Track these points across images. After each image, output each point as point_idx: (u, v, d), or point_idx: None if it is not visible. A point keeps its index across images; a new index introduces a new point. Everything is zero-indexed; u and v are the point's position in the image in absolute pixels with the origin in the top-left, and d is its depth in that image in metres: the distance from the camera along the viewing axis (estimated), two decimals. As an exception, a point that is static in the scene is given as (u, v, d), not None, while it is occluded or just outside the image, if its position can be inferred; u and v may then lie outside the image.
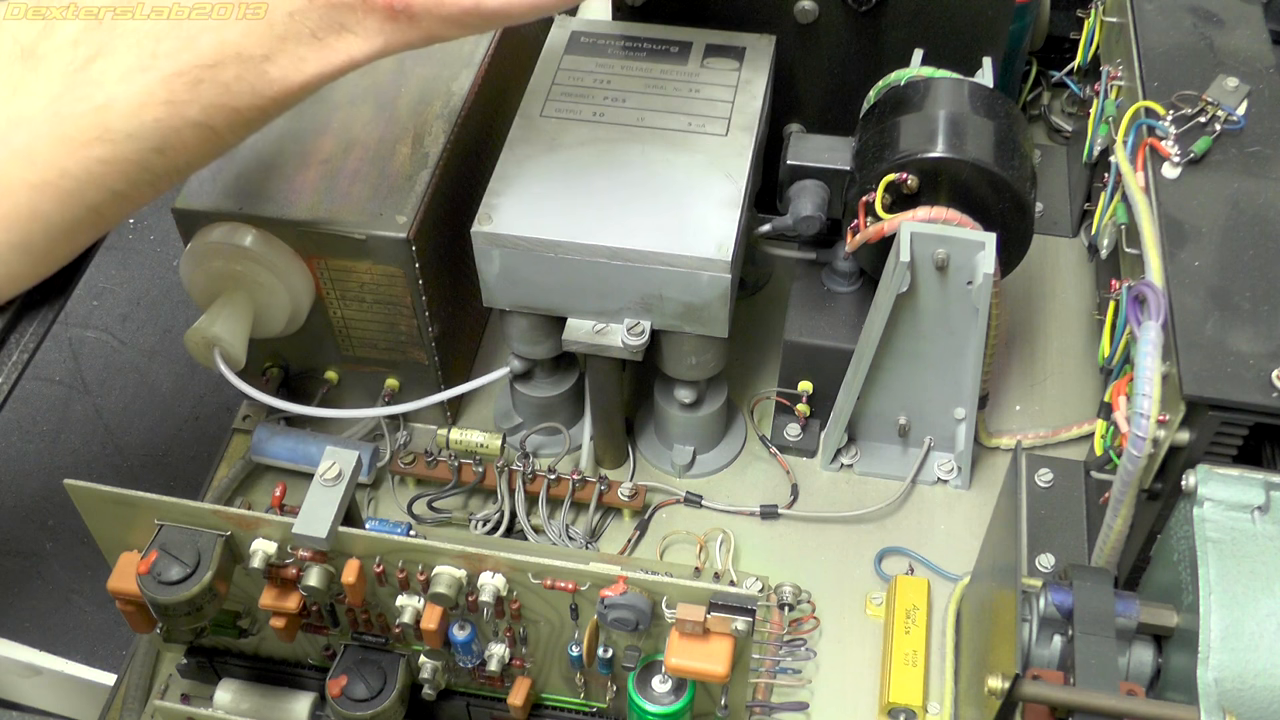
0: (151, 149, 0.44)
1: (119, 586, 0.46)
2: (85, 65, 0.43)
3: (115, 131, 0.43)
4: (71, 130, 0.43)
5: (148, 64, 0.43)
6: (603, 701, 0.52)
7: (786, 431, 0.64)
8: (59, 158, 0.43)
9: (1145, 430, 0.46)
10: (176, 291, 1.27)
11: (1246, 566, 0.43)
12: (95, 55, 0.43)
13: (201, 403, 1.20)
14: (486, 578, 0.45)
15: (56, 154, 0.43)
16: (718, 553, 0.60)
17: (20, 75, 0.43)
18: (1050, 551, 0.58)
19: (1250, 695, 0.41)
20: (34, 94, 0.43)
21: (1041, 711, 0.43)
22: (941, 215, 0.54)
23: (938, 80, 0.57)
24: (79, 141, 0.43)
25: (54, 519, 1.16)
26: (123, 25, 0.43)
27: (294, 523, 0.44)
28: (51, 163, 0.43)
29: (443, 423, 0.65)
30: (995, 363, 0.65)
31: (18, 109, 0.43)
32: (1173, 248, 0.50)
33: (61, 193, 0.44)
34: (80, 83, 0.43)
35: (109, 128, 0.43)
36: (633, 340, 0.55)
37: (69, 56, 0.43)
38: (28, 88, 0.43)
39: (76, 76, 0.43)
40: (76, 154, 0.43)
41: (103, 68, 0.43)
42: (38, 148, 0.43)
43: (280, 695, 0.53)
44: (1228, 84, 0.56)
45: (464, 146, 0.61)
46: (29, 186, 0.43)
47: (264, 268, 0.56)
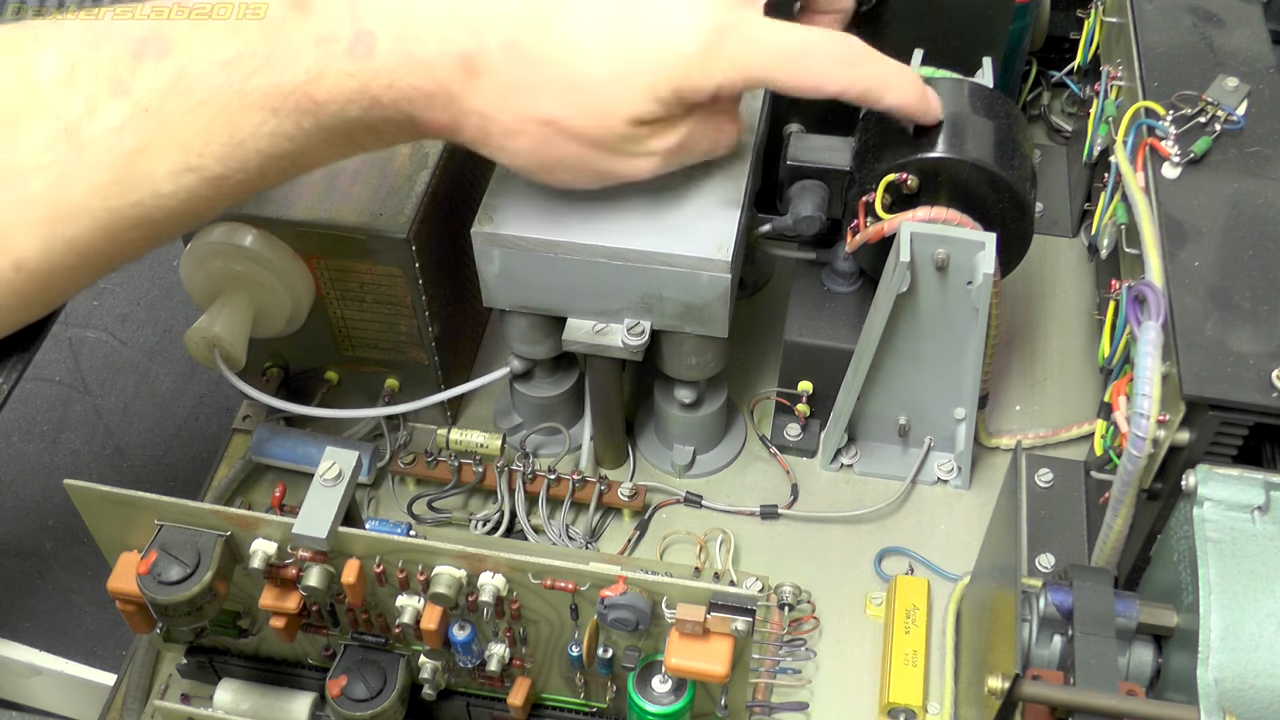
0: (183, 226, 0.46)
1: (119, 586, 0.46)
2: (132, 159, 0.43)
3: (158, 224, 0.44)
4: (117, 224, 0.44)
5: (194, 164, 0.43)
6: (603, 701, 0.52)
7: (786, 431, 0.64)
8: (100, 243, 0.44)
9: (1145, 430, 0.46)
10: (176, 291, 1.27)
11: (1246, 566, 0.43)
12: (144, 149, 0.43)
13: (201, 403, 1.20)
14: (486, 578, 0.45)
15: (98, 240, 0.44)
16: (718, 553, 0.60)
17: (66, 160, 0.42)
18: (1050, 551, 0.58)
19: (1250, 695, 0.41)
20: (81, 184, 0.43)
21: (1041, 711, 0.43)
22: (941, 215, 0.54)
23: (938, 80, 0.57)
24: (121, 229, 0.44)
25: (54, 519, 1.16)
26: (168, 116, 0.43)
27: (294, 523, 0.44)
28: (92, 247, 0.44)
29: (443, 423, 0.65)
30: (995, 363, 0.65)
31: (67, 199, 0.43)
32: (1173, 248, 0.50)
33: (91, 267, 0.45)
34: (128, 176, 0.43)
35: (149, 220, 0.44)
36: (633, 340, 0.55)
37: (115, 146, 0.43)
38: (74, 178, 0.43)
39: (124, 170, 0.43)
40: (114, 238, 0.44)
41: (150, 164, 0.43)
42: (82, 236, 0.43)
43: (280, 695, 0.53)
44: (1228, 84, 0.56)
45: (464, 147, 0.61)
46: (66, 270, 0.44)
47: (264, 268, 0.56)
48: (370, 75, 0.44)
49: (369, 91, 0.44)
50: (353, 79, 0.44)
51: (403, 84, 0.44)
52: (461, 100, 0.45)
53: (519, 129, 0.46)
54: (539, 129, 0.46)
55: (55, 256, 0.43)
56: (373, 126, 0.46)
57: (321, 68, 0.43)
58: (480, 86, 0.45)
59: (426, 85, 0.44)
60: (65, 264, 0.44)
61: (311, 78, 0.43)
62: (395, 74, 0.44)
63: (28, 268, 0.43)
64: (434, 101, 0.45)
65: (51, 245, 0.43)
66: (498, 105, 0.46)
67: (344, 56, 0.43)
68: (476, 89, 0.45)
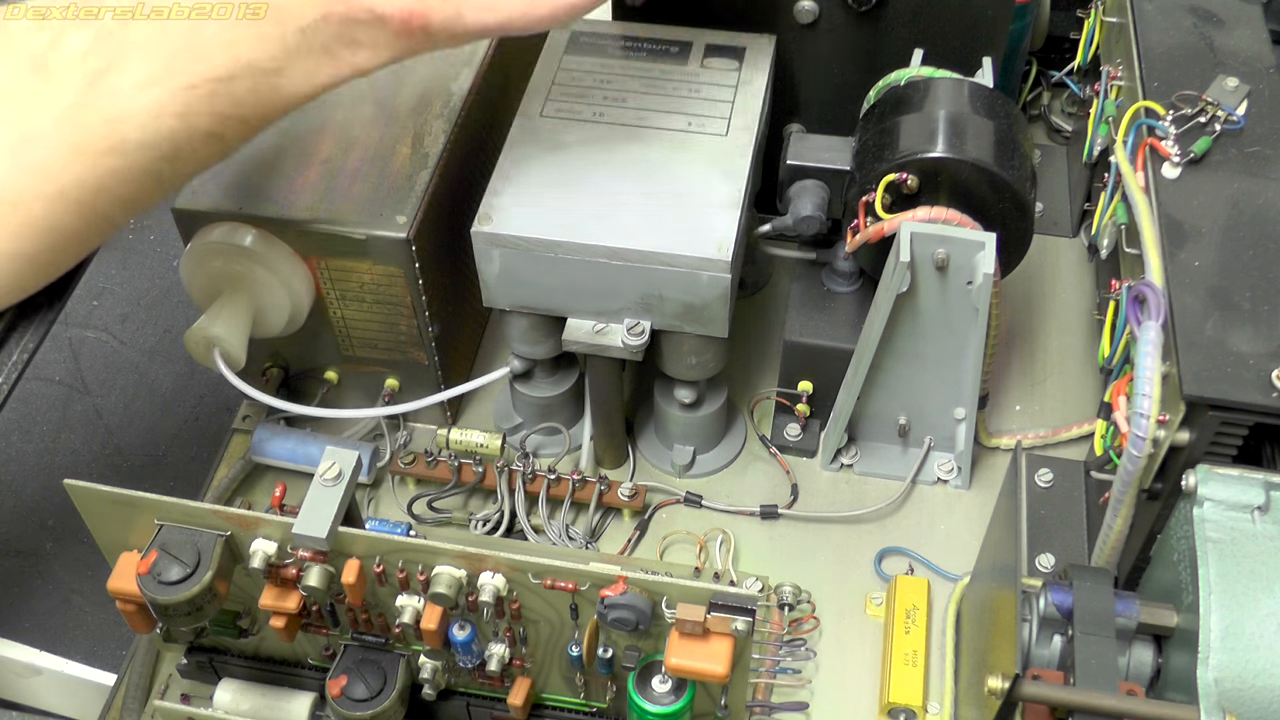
0: (162, 158, 0.44)
1: (119, 586, 0.46)
2: (98, 78, 0.43)
3: (128, 143, 0.43)
4: (85, 142, 0.43)
5: (161, 76, 0.43)
6: (603, 701, 0.52)
7: (786, 431, 0.64)
8: (72, 170, 0.43)
9: (1145, 430, 0.46)
10: (176, 291, 1.27)
11: (1246, 566, 0.43)
12: (107, 68, 0.43)
13: (201, 403, 1.20)
14: (486, 578, 0.45)
15: (70, 166, 0.43)
16: (718, 553, 0.60)
17: (32, 88, 0.43)
18: (1050, 551, 0.58)
19: (1250, 695, 0.41)
20: (47, 107, 0.43)
21: (1041, 711, 0.43)
22: (941, 215, 0.54)
23: (938, 80, 0.57)
24: (92, 153, 0.43)
25: (54, 519, 1.16)
26: (134, 35, 0.43)
27: (294, 523, 0.44)
28: (65, 175, 0.43)
29: (443, 423, 0.65)
30: (995, 363, 0.65)
31: (31, 124, 0.43)
32: (1173, 248, 0.50)
33: (73, 203, 0.44)
34: (93, 95, 0.43)
35: (122, 139, 0.43)
36: (633, 340, 0.55)
37: (80, 69, 0.43)
38: (40, 101, 0.43)
39: (89, 89, 0.43)
40: (89, 165, 0.43)
41: (116, 80, 0.43)
42: (51, 161, 0.43)
43: (280, 695, 0.53)
44: (1228, 84, 0.56)
45: (464, 146, 0.61)
46: (43, 198, 0.43)
47: (264, 268, 0.56)
48: None
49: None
50: None
51: None
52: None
53: None
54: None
55: (29, 183, 0.43)
56: (340, 33, 0.45)
57: None
58: None
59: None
60: (44, 193, 0.43)
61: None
62: None
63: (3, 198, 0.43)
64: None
65: (20, 171, 0.43)
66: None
67: None
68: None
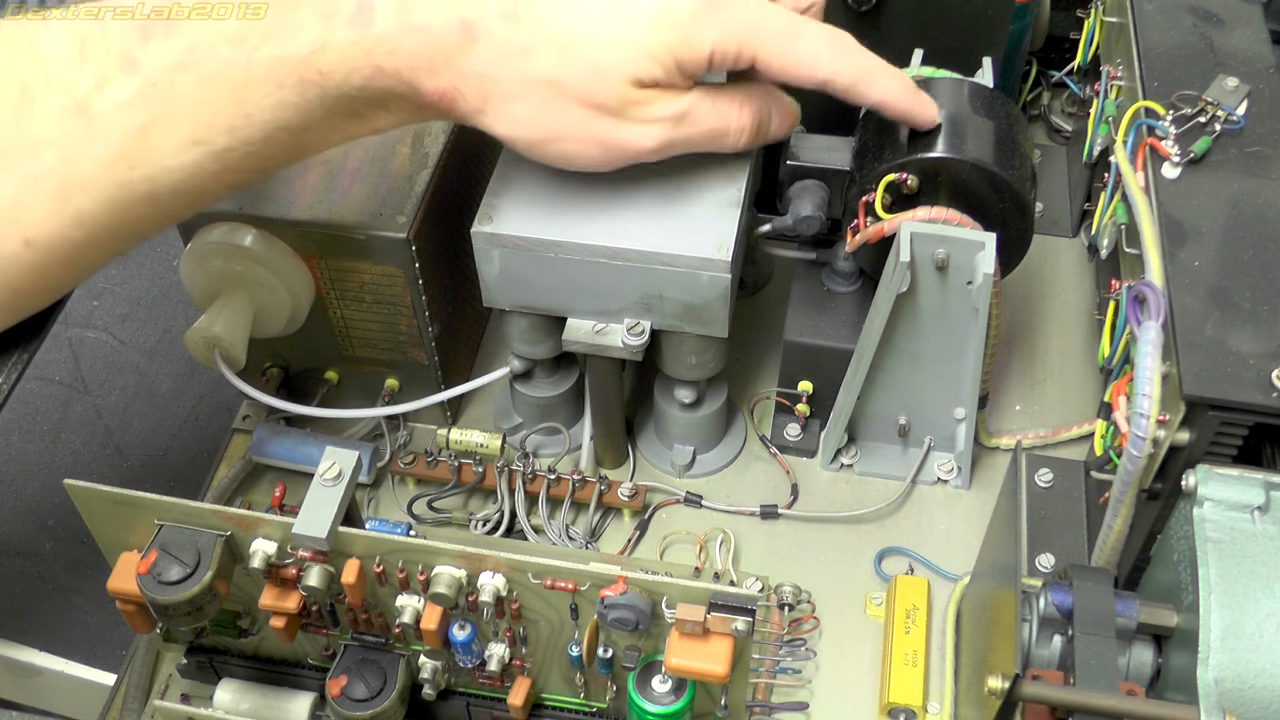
0: (187, 206, 0.47)
1: (119, 586, 0.46)
2: (143, 133, 0.44)
3: (161, 195, 0.45)
4: (124, 196, 0.44)
5: (204, 138, 0.44)
6: (603, 701, 0.52)
7: (786, 431, 0.64)
8: (105, 219, 0.45)
9: (1145, 430, 0.46)
10: (176, 291, 1.27)
11: (1246, 566, 0.43)
12: (152, 123, 0.44)
13: (201, 403, 1.20)
14: (486, 578, 0.45)
15: (104, 217, 0.45)
16: (718, 553, 0.60)
17: (75, 133, 0.43)
18: (1050, 551, 0.58)
19: (1250, 695, 0.41)
20: (90, 157, 0.44)
21: (1041, 711, 0.43)
22: (941, 215, 0.54)
23: (938, 80, 0.57)
24: (126, 203, 0.45)
25: (54, 519, 1.16)
26: (179, 91, 0.43)
27: (294, 523, 0.44)
28: (98, 223, 0.45)
29: (443, 423, 0.65)
30: (995, 363, 0.65)
31: (73, 173, 0.44)
32: (1173, 248, 0.50)
33: (100, 244, 0.46)
34: (137, 150, 0.44)
35: (157, 192, 0.45)
36: (633, 340, 0.55)
37: (125, 121, 0.43)
38: (83, 150, 0.43)
39: (134, 145, 0.44)
40: (123, 214, 0.45)
41: (159, 140, 0.44)
42: (89, 211, 0.44)
43: (280, 695, 0.53)
44: (1228, 84, 0.56)
45: (464, 146, 0.61)
46: (72, 244, 0.45)
47: (264, 268, 0.56)
48: (372, 43, 0.44)
49: (372, 59, 0.45)
50: (355, 47, 0.44)
51: (404, 51, 0.45)
52: (461, 63, 0.46)
53: (519, 92, 0.47)
54: (539, 90, 0.47)
55: (64, 231, 0.44)
56: (376, 98, 0.46)
57: (325, 38, 0.44)
58: (479, 50, 0.46)
59: (428, 50, 0.45)
60: (74, 240, 0.44)
61: (316, 48, 0.44)
62: (396, 41, 0.45)
63: (38, 243, 0.44)
64: (435, 66, 0.46)
65: (60, 220, 0.44)
66: (497, 67, 0.46)
67: (346, 26, 0.44)
68: (475, 52, 0.46)
